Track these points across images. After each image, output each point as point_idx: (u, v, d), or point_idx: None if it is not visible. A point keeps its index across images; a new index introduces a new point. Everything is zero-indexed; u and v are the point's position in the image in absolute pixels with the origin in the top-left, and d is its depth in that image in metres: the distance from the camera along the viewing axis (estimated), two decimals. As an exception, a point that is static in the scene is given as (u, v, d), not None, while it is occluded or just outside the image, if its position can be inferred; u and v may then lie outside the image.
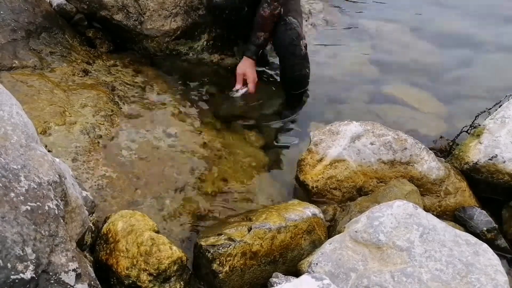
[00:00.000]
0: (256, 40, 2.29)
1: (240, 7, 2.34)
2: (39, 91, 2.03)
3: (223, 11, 2.34)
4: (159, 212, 1.73)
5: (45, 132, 1.85)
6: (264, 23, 2.27)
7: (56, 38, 2.39)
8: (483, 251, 1.41)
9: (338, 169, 1.87)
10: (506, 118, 1.99)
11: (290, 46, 2.32)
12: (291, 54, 2.34)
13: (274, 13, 2.25)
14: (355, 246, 1.45)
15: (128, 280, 1.38)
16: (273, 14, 2.25)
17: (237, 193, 1.87)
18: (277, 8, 2.26)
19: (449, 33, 3.32)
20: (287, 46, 2.33)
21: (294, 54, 2.34)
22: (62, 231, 1.13)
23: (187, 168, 1.92)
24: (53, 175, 1.18)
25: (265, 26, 2.27)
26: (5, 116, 1.18)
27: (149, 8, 2.53)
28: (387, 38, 3.24)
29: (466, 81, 2.83)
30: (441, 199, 1.89)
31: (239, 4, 2.33)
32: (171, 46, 2.61)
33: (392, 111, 2.51)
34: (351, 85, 2.70)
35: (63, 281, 1.08)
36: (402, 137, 1.92)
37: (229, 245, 1.48)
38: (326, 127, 2.00)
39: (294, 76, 2.42)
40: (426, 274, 1.34)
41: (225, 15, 2.36)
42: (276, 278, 1.48)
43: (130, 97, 2.23)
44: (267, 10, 2.25)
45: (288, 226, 1.56)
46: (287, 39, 2.31)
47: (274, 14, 2.26)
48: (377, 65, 2.92)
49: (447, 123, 2.45)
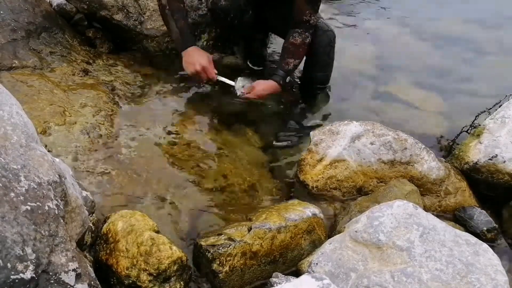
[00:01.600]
0: (286, 66, 2.23)
1: (245, 10, 2.33)
2: (39, 91, 2.03)
3: (228, 14, 2.33)
4: (159, 211, 1.73)
5: (45, 132, 1.85)
6: (296, 50, 2.23)
7: (56, 38, 2.39)
8: (483, 251, 1.41)
9: (338, 169, 1.87)
10: (506, 118, 1.99)
11: (327, 47, 2.37)
12: (327, 55, 2.38)
13: (305, 41, 2.23)
14: (355, 246, 1.45)
15: (128, 280, 1.38)
16: (304, 42, 2.22)
17: (237, 193, 1.87)
18: (307, 38, 2.23)
19: (449, 33, 3.32)
20: (324, 47, 2.35)
21: (328, 55, 2.39)
22: (62, 231, 1.13)
23: (187, 167, 1.92)
24: (53, 175, 1.18)
25: (296, 53, 2.23)
26: (5, 116, 1.18)
27: (149, 8, 2.53)
28: (387, 38, 3.24)
29: (466, 81, 2.83)
30: (441, 199, 1.89)
31: (244, 7, 2.32)
32: (171, 46, 2.61)
33: (392, 111, 2.51)
34: (351, 85, 2.70)
35: (63, 281, 1.08)
36: (402, 137, 1.92)
37: (229, 245, 1.48)
38: (326, 127, 2.00)
39: (322, 75, 2.45)
40: (426, 274, 1.34)
41: (230, 18, 2.35)
42: (276, 278, 1.48)
43: (130, 97, 2.24)
44: (298, 38, 2.22)
45: (288, 226, 1.56)
46: (326, 39, 2.35)
47: (305, 43, 2.23)
48: (377, 65, 2.92)
49: (447, 123, 2.45)
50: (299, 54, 2.25)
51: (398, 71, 2.88)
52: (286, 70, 2.23)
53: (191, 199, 1.81)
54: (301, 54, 2.26)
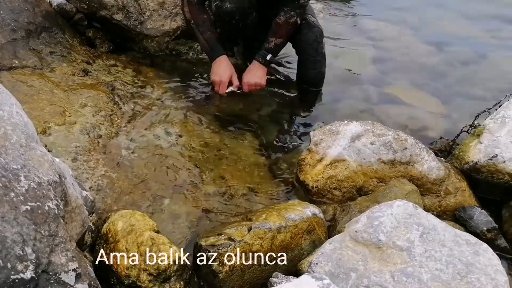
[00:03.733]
0: (267, 45, 2.26)
1: (249, 12, 2.34)
2: (39, 91, 2.03)
3: (233, 17, 2.33)
4: (159, 211, 1.73)
5: (45, 132, 1.85)
6: (278, 29, 2.25)
7: (56, 38, 2.39)
8: (483, 251, 1.41)
9: (338, 169, 1.87)
10: (506, 118, 1.99)
11: (315, 43, 2.35)
12: (315, 51, 2.36)
13: (289, 21, 2.24)
14: (355, 246, 1.45)
15: (128, 280, 1.38)
16: (287, 21, 2.24)
17: (237, 193, 1.87)
18: (292, 17, 2.24)
19: (449, 33, 3.32)
20: (311, 43, 2.35)
21: (317, 51, 2.37)
22: (62, 231, 1.13)
23: (187, 167, 1.92)
24: (53, 175, 1.18)
25: (278, 32, 2.25)
26: (5, 116, 1.18)
27: (149, 8, 2.53)
28: (387, 38, 3.24)
29: (466, 81, 2.83)
30: (441, 199, 1.89)
31: (248, 9, 2.33)
32: (171, 46, 2.61)
33: (392, 111, 2.51)
34: (352, 85, 2.70)
35: (63, 281, 1.08)
36: (402, 137, 1.92)
37: (229, 245, 1.48)
38: (326, 126, 2.00)
39: (314, 73, 2.44)
40: (426, 274, 1.34)
41: (234, 21, 2.36)
42: (276, 278, 1.48)
43: (130, 97, 2.24)
44: (282, 18, 2.24)
45: (288, 226, 1.56)
46: (312, 36, 2.34)
47: (289, 22, 2.24)
48: (378, 65, 2.92)
49: (447, 123, 2.45)
50: (282, 33, 2.26)
51: (398, 71, 2.88)
52: (267, 48, 2.26)
53: (191, 199, 1.81)
54: (283, 33, 2.27)
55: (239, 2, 2.27)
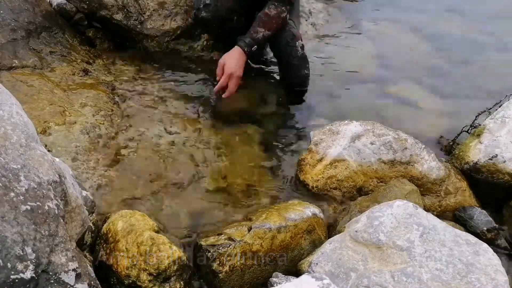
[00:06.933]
0: (254, 35, 2.16)
1: (228, 19, 2.31)
2: (39, 90, 2.03)
3: (210, 25, 2.32)
4: (159, 211, 1.73)
5: (45, 131, 1.85)
6: (268, 20, 2.18)
7: (56, 37, 2.39)
8: (483, 251, 1.41)
9: (338, 168, 1.87)
10: (506, 118, 1.99)
11: (287, 47, 2.29)
12: (288, 55, 2.32)
13: (280, 15, 2.20)
14: (355, 246, 1.45)
15: (128, 280, 1.38)
16: (279, 15, 2.19)
17: (237, 193, 1.87)
18: (284, 12, 2.20)
19: (449, 33, 3.32)
20: (283, 47, 2.30)
21: (290, 55, 2.31)
22: (62, 231, 1.12)
23: (187, 166, 1.92)
24: (53, 175, 1.18)
25: (268, 24, 2.18)
26: (5, 115, 1.18)
27: (149, 7, 2.53)
28: (387, 38, 3.23)
29: (466, 81, 2.83)
30: (441, 199, 1.89)
31: (226, 15, 2.30)
32: (171, 45, 2.61)
33: (392, 111, 2.50)
34: (352, 85, 2.70)
35: (63, 281, 1.08)
36: (402, 136, 1.92)
37: (229, 245, 1.48)
38: (326, 126, 2.00)
39: (293, 77, 2.41)
40: (426, 274, 1.34)
41: (212, 28, 2.35)
42: (276, 278, 1.48)
43: (130, 97, 2.23)
44: (273, 10, 2.19)
45: (288, 225, 1.56)
46: (283, 40, 2.29)
47: (280, 17, 2.20)
48: (377, 65, 2.92)
49: (447, 123, 2.45)
50: (271, 26, 2.19)
51: (398, 71, 2.88)
52: (253, 38, 2.16)
53: (191, 199, 1.81)
54: (273, 26, 2.19)
55: (214, 10, 2.25)
